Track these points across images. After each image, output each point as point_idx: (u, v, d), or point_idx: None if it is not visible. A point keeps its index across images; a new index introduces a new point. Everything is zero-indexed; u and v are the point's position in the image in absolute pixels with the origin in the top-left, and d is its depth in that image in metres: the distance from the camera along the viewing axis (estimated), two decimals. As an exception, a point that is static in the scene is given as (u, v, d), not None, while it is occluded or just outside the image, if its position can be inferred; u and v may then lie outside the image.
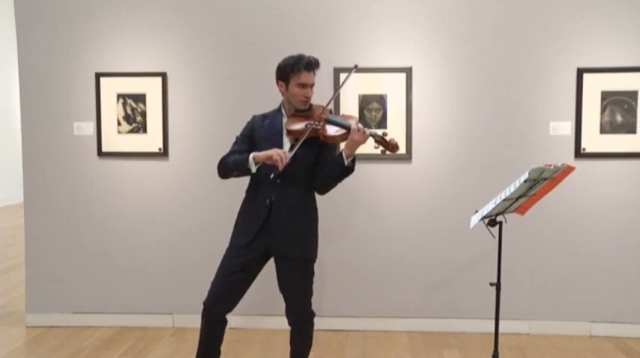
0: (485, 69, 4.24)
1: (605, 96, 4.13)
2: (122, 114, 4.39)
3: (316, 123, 2.98)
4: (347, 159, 2.93)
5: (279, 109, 3.16)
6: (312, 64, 3.02)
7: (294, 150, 2.93)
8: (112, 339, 4.24)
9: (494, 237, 3.03)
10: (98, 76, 4.38)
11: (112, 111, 4.40)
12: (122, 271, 4.49)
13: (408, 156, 4.28)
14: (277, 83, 3.10)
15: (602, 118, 4.15)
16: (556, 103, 4.20)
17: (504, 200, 2.87)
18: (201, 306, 3.06)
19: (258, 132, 3.09)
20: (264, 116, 3.17)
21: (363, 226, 4.37)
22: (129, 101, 4.38)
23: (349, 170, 2.96)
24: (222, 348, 3.12)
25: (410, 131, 4.27)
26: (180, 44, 4.37)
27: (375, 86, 4.27)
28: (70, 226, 4.48)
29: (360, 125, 2.94)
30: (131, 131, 4.40)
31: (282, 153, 2.86)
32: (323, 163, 3.04)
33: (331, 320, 4.36)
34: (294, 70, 3.00)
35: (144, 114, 4.38)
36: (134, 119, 4.39)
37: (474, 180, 4.26)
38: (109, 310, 4.50)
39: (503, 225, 3.01)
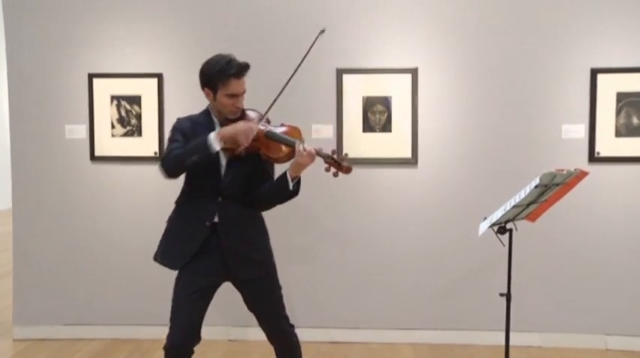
0: (494, 69, 4.21)
1: (621, 97, 4.11)
2: (116, 116, 4.36)
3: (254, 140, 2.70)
4: (292, 181, 2.72)
5: (207, 114, 2.84)
6: (242, 70, 2.70)
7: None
8: (104, 352, 4.18)
9: (503, 245, 3.00)
10: (91, 76, 4.35)
11: (105, 113, 4.36)
12: (115, 281, 4.43)
13: (413, 161, 4.25)
14: (203, 89, 2.77)
15: (617, 121, 4.13)
16: (568, 105, 4.18)
17: (514, 206, 2.83)
18: None
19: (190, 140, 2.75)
20: (191, 120, 2.83)
21: (367, 234, 4.31)
22: (123, 103, 4.35)
23: (293, 194, 2.77)
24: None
25: (415, 134, 4.24)
26: (177, 44, 4.34)
27: (379, 88, 4.24)
28: (61, 234, 4.42)
29: (304, 145, 2.67)
30: (125, 134, 4.36)
31: (249, 130, 2.64)
32: (265, 177, 2.84)
33: (334, 332, 4.32)
34: (221, 78, 2.67)
35: (139, 116, 4.35)
36: (128, 122, 4.36)
37: (483, 185, 4.22)
38: (101, 322, 4.44)
39: (514, 232, 2.97)
